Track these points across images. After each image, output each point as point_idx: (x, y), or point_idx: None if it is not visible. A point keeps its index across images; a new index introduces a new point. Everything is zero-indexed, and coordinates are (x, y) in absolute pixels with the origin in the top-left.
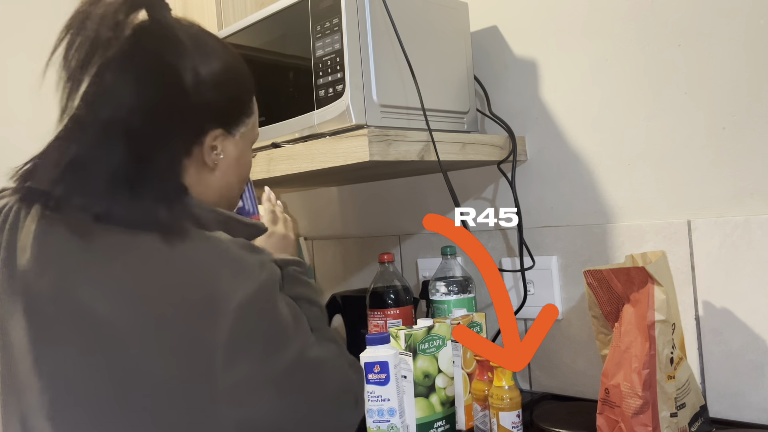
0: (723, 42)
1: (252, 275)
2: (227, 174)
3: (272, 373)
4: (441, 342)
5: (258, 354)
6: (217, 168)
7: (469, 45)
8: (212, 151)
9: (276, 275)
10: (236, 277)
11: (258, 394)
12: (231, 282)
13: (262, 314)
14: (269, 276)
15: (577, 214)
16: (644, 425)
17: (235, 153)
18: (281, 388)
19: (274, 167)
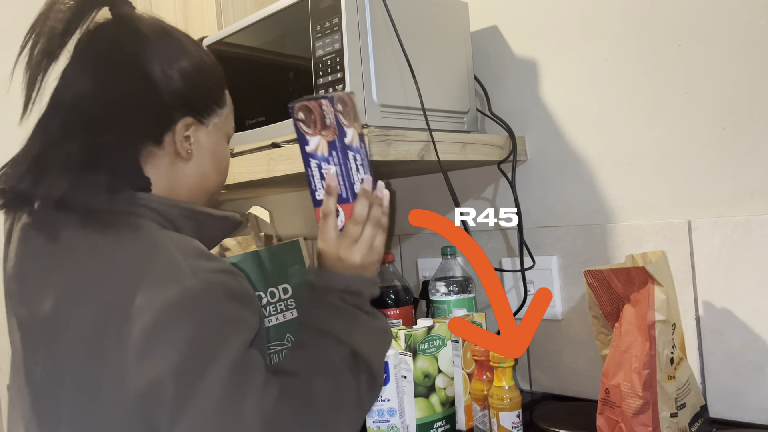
0: (723, 42)
1: (178, 280)
2: (202, 165)
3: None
4: (441, 342)
5: (173, 364)
6: (192, 158)
7: (469, 45)
8: (185, 140)
9: (216, 287)
10: (160, 279)
11: (163, 403)
12: (153, 284)
13: (182, 323)
14: (203, 285)
15: (577, 214)
16: (644, 425)
17: (208, 143)
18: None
19: (274, 167)
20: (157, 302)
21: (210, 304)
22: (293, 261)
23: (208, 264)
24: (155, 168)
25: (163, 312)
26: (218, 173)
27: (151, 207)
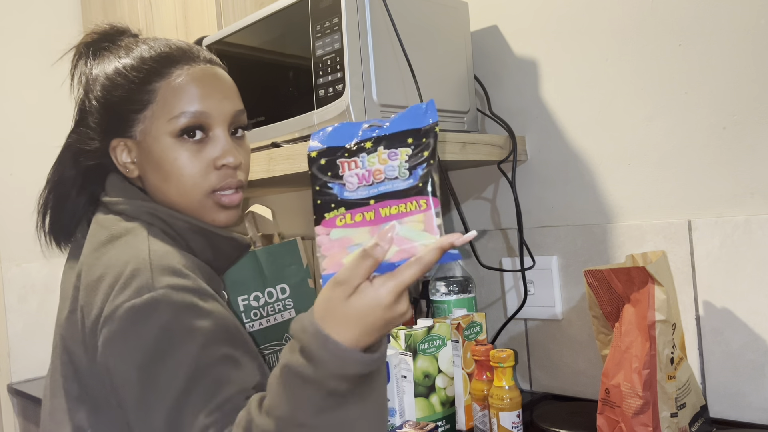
0: (723, 42)
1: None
2: (150, 179)
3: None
4: (441, 342)
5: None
6: (140, 175)
7: (469, 45)
8: (125, 160)
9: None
10: (124, 288)
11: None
12: (118, 293)
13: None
14: (157, 298)
15: (577, 213)
16: (644, 425)
17: (143, 154)
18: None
19: (274, 167)
20: (117, 311)
21: (166, 317)
22: (291, 261)
23: (172, 280)
24: (143, 185)
25: (122, 320)
26: (170, 179)
27: (158, 216)
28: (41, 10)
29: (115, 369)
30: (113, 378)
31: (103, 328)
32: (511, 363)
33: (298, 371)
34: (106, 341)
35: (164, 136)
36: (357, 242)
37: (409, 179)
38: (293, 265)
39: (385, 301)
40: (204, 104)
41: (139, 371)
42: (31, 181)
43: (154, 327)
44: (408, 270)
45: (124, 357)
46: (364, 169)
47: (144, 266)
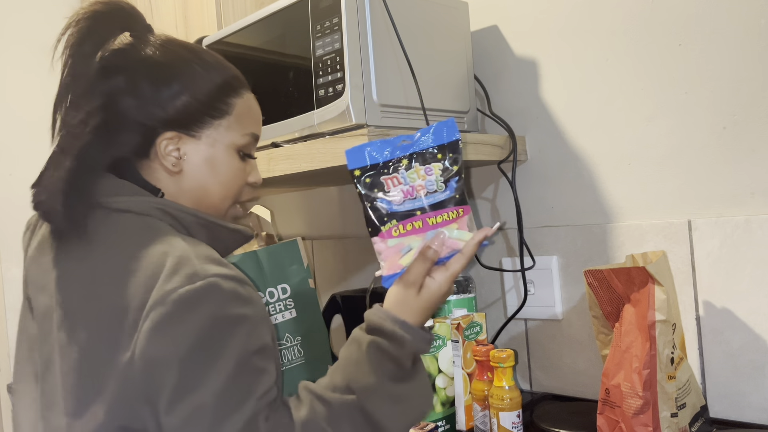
0: (723, 42)
1: (189, 279)
2: (198, 178)
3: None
4: (441, 342)
5: (178, 354)
6: (183, 171)
7: (469, 44)
8: (170, 153)
9: (225, 290)
10: (173, 276)
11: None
12: (165, 280)
13: (189, 317)
14: (212, 287)
15: (577, 213)
16: (645, 425)
17: (201, 155)
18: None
19: (274, 167)
20: (168, 296)
21: (217, 304)
22: (292, 261)
23: (218, 269)
24: (157, 180)
25: (174, 305)
26: (220, 185)
27: (168, 211)
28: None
29: (159, 355)
30: (153, 366)
31: (151, 313)
32: (511, 363)
33: (385, 350)
34: (156, 326)
35: (230, 147)
36: (408, 245)
37: (446, 191)
38: (294, 265)
39: (444, 289)
40: (259, 129)
41: (187, 355)
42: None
43: (206, 313)
44: (457, 263)
45: (175, 340)
46: (408, 185)
47: (188, 255)
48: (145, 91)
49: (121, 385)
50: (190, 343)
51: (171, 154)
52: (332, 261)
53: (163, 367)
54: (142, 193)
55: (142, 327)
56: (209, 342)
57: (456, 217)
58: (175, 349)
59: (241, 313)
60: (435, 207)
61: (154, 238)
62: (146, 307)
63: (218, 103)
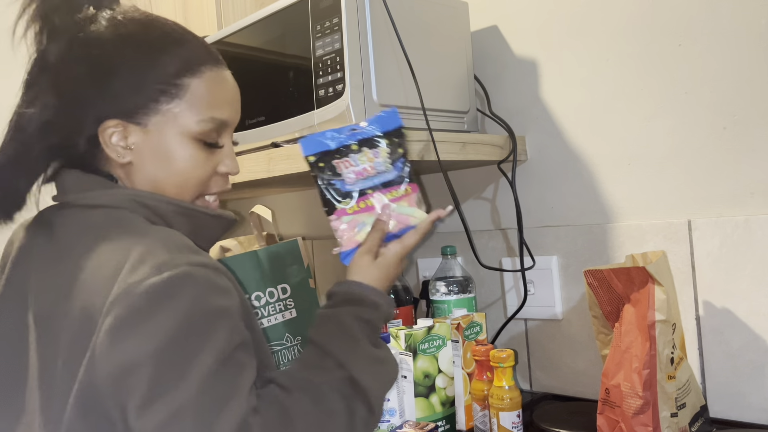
0: (723, 42)
1: (158, 269)
2: (148, 169)
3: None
4: (441, 342)
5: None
6: (132, 162)
7: (469, 45)
8: (116, 143)
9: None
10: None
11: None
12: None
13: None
14: (185, 276)
15: (577, 213)
16: (644, 425)
17: (149, 145)
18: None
19: (274, 167)
20: (134, 289)
21: (192, 295)
22: (292, 261)
23: (190, 257)
24: (115, 171)
25: (140, 298)
26: (175, 177)
27: (143, 202)
28: None
29: (125, 355)
30: (119, 367)
31: (113, 309)
32: (511, 363)
33: (364, 317)
34: (119, 322)
35: (183, 135)
36: (363, 222)
37: (393, 171)
38: (294, 265)
39: (397, 258)
40: (227, 113)
41: (159, 353)
42: None
43: (179, 306)
44: (410, 237)
45: (144, 337)
46: (359, 167)
47: (155, 245)
48: (83, 75)
49: (85, 394)
50: (162, 340)
51: (117, 144)
52: (332, 261)
53: (130, 367)
54: (112, 186)
55: (102, 325)
56: (184, 337)
57: (405, 194)
58: (145, 347)
59: (219, 304)
60: (385, 185)
61: (122, 231)
62: (106, 304)
63: (165, 86)
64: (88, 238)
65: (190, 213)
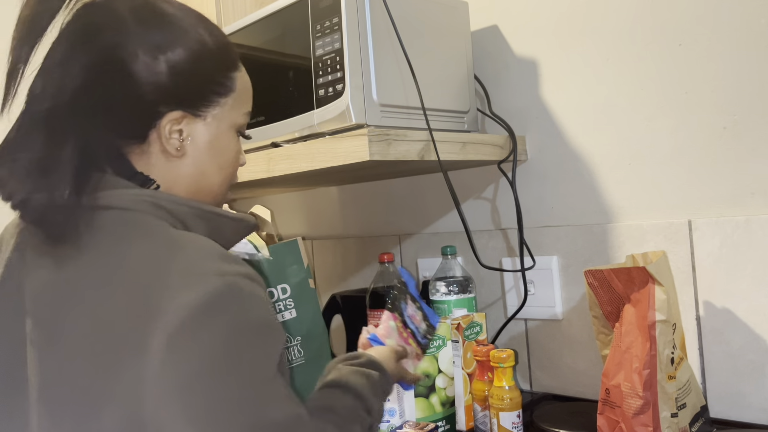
0: (724, 42)
1: (203, 282)
2: (200, 162)
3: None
4: (441, 342)
5: (197, 370)
6: (186, 155)
7: (469, 44)
8: (172, 135)
9: (243, 291)
10: (184, 280)
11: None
12: (177, 286)
13: (209, 328)
14: (230, 288)
15: (577, 213)
16: (645, 425)
17: (206, 137)
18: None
19: (274, 167)
20: (182, 305)
21: (238, 309)
22: (292, 261)
23: (231, 267)
24: (150, 167)
25: (189, 316)
26: (220, 169)
27: (160, 204)
28: None
29: (179, 371)
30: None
31: (164, 329)
32: (511, 363)
33: (381, 383)
34: (172, 341)
35: (231, 127)
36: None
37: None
38: (294, 264)
39: (399, 369)
40: (251, 106)
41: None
42: None
43: (229, 320)
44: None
45: (197, 353)
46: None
47: (194, 255)
48: (146, 59)
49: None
50: (215, 355)
51: (174, 137)
52: (332, 261)
53: (185, 382)
54: (127, 186)
55: (152, 342)
56: (236, 351)
57: (417, 357)
58: (199, 364)
59: (267, 314)
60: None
61: (147, 236)
62: (157, 320)
63: (224, 79)
64: (107, 241)
65: (210, 216)
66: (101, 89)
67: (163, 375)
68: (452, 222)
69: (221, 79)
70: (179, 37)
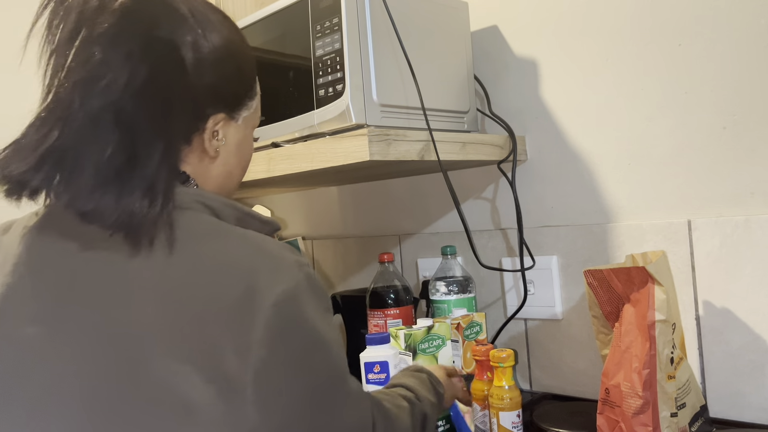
0: (723, 42)
1: (290, 272)
2: (228, 162)
3: (306, 385)
4: (441, 342)
5: (293, 361)
6: (219, 156)
7: (469, 44)
8: (213, 137)
9: (316, 281)
10: (274, 273)
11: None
12: (269, 277)
13: (300, 314)
14: (307, 277)
15: (577, 213)
16: (644, 425)
17: (236, 139)
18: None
19: (274, 167)
20: (275, 296)
21: (319, 297)
22: None
23: (301, 258)
24: (185, 165)
25: (282, 306)
26: (242, 169)
27: (207, 204)
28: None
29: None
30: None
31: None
32: (511, 363)
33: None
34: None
35: (253, 128)
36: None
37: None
38: None
39: (457, 389)
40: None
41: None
42: None
43: (320, 305)
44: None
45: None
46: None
47: (272, 249)
48: (199, 60)
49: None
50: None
51: (215, 138)
52: (332, 261)
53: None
54: (179, 185)
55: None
56: (323, 333)
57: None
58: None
59: (331, 308)
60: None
61: (223, 235)
62: (255, 316)
63: (252, 82)
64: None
65: (245, 218)
66: (164, 88)
67: (268, 364)
68: (452, 222)
69: (252, 82)
70: (226, 40)
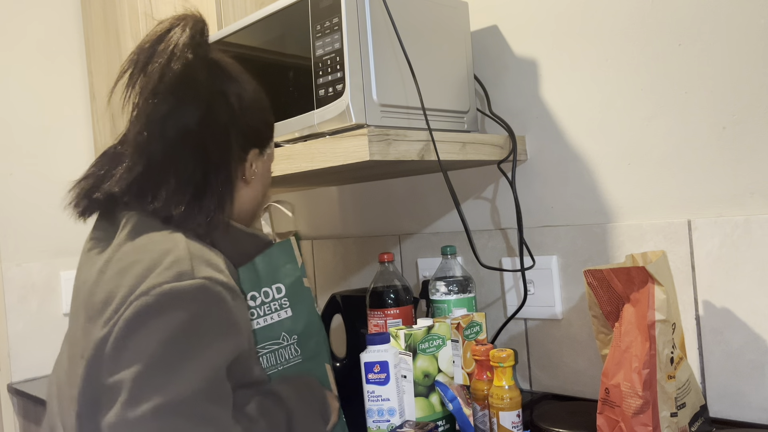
0: (723, 42)
1: (179, 275)
2: (257, 189)
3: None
4: (441, 342)
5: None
6: (251, 183)
7: (469, 44)
8: (251, 167)
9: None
10: (162, 271)
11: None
12: (156, 274)
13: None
14: (201, 288)
15: (577, 213)
16: (644, 425)
17: (263, 170)
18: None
19: (274, 167)
20: (152, 289)
21: (201, 306)
22: (286, 260)
23: (211, 272)
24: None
25: (155, 298)
26: (263, 195)
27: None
28: (41, 11)
29: (131, 343)
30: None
31: (133, 303)
32: (511, 363)
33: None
34: (135, 315)
35: (271, 162)
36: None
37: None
38: (288, 264)
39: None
40: None
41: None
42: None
43: (188, 313)
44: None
45: (149, 332)
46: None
47: (184, 255)
48: (249, 102)
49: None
50: (164, 338)
51: (252, 167)
52: (332, 261)
53: (130, 356)
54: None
55: (123, 313)
56: (184, 341)
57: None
58: (147, 341)
59: (224, 320)
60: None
61: (164, 237)
62: (131, 296)
63: (271, 119)
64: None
65: (233, 231)
66: (223, 125)
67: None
68: (452, 222)
69: (272, 125)
70: (257, 92)
